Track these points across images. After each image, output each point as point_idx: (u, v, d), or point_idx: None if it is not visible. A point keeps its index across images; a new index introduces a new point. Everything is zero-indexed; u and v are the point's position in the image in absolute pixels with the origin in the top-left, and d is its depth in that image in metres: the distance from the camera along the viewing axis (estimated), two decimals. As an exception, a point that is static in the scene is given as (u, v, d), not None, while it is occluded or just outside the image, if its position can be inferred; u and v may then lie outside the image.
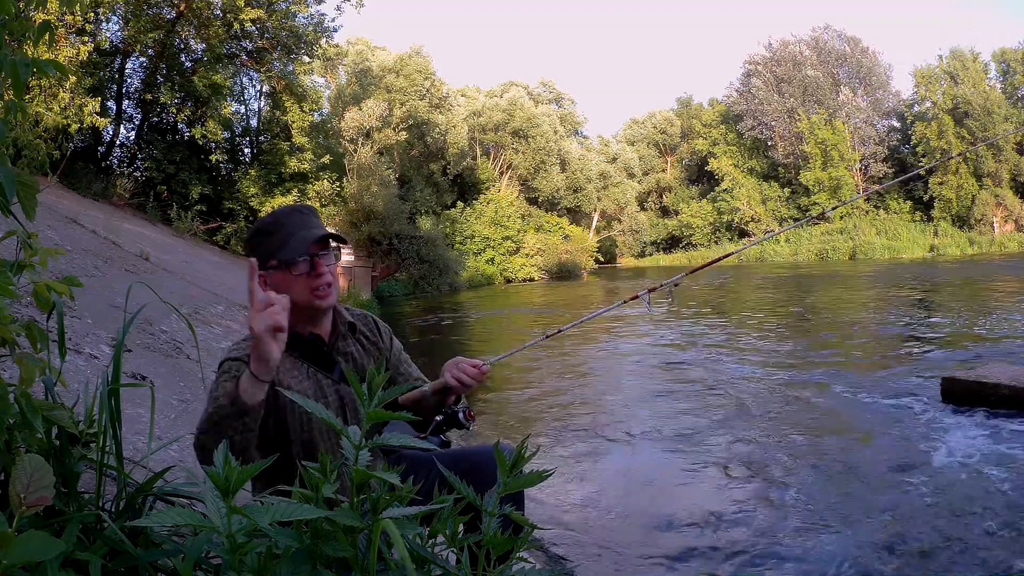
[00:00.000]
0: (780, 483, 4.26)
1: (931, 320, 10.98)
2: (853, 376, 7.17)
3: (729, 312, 14.90)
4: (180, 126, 19.47)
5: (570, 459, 5.01)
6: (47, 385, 1.35)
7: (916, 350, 8.39)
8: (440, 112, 32.65)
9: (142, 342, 4.90)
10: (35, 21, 1.20)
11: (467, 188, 35.98)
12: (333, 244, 1.79)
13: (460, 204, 34.50)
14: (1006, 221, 37.27)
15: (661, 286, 2.31)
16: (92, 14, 14.46)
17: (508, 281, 33.70)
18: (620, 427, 5.83)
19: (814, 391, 6.65)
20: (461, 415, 1.82)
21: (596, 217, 43.26)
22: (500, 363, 1.98)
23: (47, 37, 1.18)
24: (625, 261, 47.49)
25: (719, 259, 2.86)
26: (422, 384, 1.89)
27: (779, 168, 44.74)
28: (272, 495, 1.12)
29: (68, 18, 12.91)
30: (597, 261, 41.53)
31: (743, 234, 44.59)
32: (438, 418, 1.85)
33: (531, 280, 34.30)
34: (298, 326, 1.78)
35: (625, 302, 2.36)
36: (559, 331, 2.24)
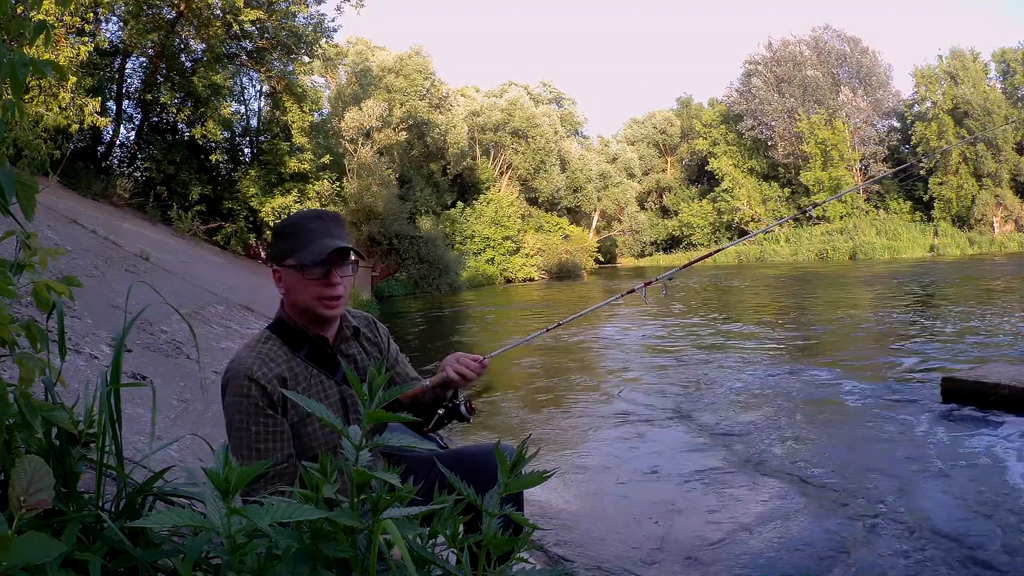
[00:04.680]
0: (779, 483, 4.26)
1: (931, 320, 10.98)
2: (853, 376, 7.17)
3: (729, 311, 14.90)
4: (180, 126, 19.46)
5: (570, 459, 5.01)
6: (47, 385, 1.35)
7: (916, 350, 8.39)
8: (440, 112, 32.65)
9: (142, 342, 4.90)
10: (33, 21, 1.20)
11: (467, 188, 35.97)
12: (352, 258, 1.81)
13: (460, 204, 34.49)
14: (1006, 221, 37.26)
15: (656, 280, 2.39)
16: (92, 14, 14.45)
17: (508, 281, 33.68)
18: (621, 427, 5.83)
19: (813, 391, 6.65)
20: (463, 407, 1.84)
21: (596, 217, 43.27)
22: (500, 361, 2.00)
23: (42, 38, 1.18)
24: (625, 261, 47.51)
25: (713, 252, 2.92)
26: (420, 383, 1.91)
27: (779, 168, 44.74)
28: (272, 495, 1.12)
29: (68, 19, 12.91)
30: (597, 261, 41.52)
31: (743, 234, 44.59)
32: (440, 411, 1.87)
33: (531, 280, 34.29)
34: (305, 326, 1.79)
35: (623, 296, 2.44)
36: (559, 324, 2.28)
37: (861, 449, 4.83)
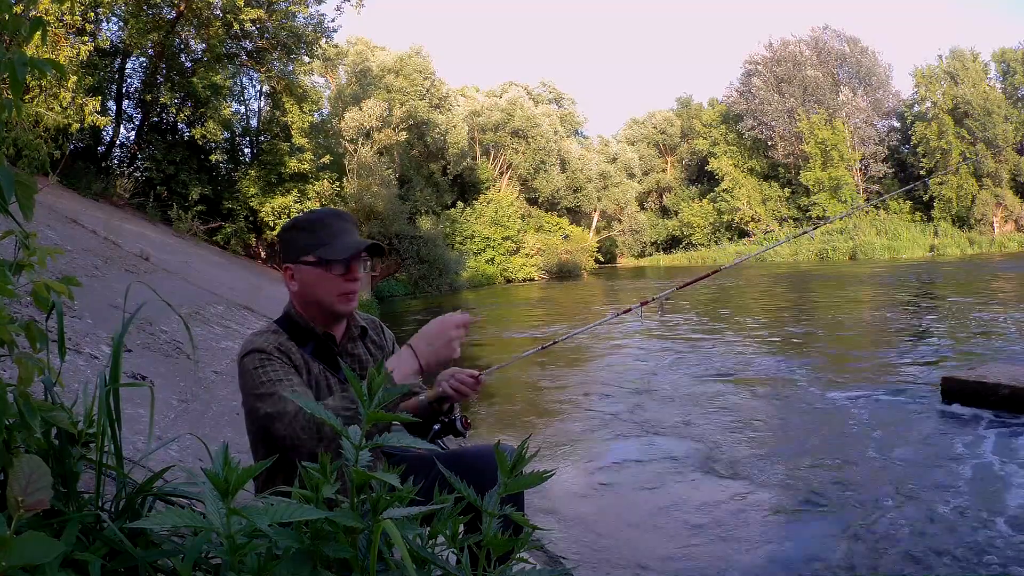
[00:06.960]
0: (779, 485, 4.26)
1: (931, 320, 10.97)
2: (853, 376, 7.16)
3: (727, 313, 14.90)
4: (180, 126, 19.47)
5: (570, 460, 5.01)
6: (46, 385, 1.34)
7: (916, 350, 8.39)
8: (440, 112, 32.64)
9: (142, 342, 4.89)
10: (29, 19, 1.19)
11: (467, 188, 35.96)
12: (364, 255, 1.82)
13: (460, 204, 34.48)
14: (1006, 221, 37.25)
15: (653, 300, 2.36)
16: (92, 14, 14.44)
17: (508, 281, 33.68)
18: (619, 428, 5.83)
19: (813, 391, 6.65)
20: (459, 423, 1.85)
21: (596, 217, 43.25)
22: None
23: (39, 36, 1.18)
24: (625, 261, 47.48)
25: (711, 273, 2.88)
26: (419, 390, 1.91)
27: (779, 168, 44.71)
28: (273, 495, 1.11)
29: (68, 18, 12.91)
30: (597, 261, 41.50)
31: (743, 234, 44.58)
32: (436, 427, 1.88)
33: (531, 280, 34.29)
34: (314, 323, 1.79)
35: (618, 314, 2.42)
36: (553, 343, 2.26)
37: (861, 450, 4.83)
